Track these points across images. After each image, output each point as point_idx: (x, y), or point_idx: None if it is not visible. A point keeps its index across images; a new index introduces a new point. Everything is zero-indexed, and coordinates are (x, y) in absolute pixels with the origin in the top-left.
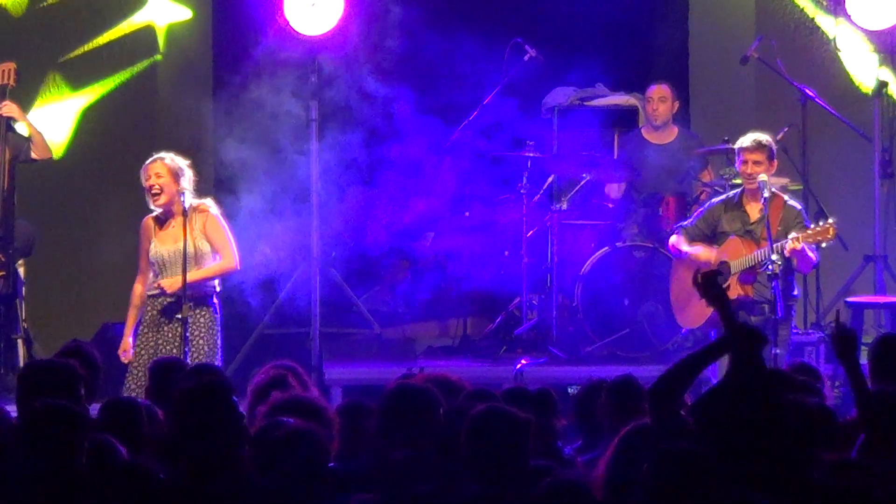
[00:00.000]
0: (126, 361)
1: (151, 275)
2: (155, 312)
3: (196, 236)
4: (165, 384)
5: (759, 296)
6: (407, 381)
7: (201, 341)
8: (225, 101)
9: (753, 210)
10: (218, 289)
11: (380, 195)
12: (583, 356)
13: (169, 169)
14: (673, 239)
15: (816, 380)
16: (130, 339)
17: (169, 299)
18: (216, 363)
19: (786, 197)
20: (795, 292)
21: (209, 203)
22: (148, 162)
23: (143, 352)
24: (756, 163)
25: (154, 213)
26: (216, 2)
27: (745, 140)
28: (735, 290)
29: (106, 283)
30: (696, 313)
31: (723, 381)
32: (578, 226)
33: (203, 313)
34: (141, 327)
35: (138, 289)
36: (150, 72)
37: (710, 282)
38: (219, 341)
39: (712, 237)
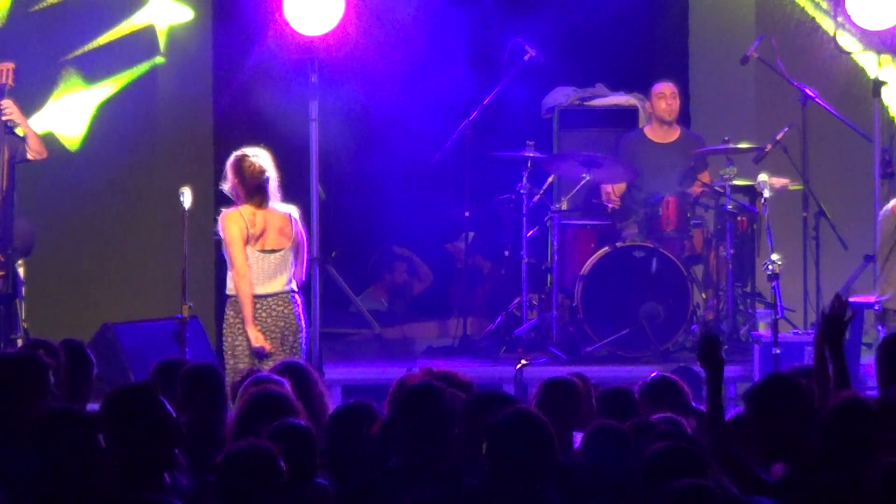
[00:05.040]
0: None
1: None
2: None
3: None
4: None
5: None
6: (415, 383)
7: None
8: (225, 101)
9: None
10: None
11: (380, 195)
12: (583, 356)
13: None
14: None
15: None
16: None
17: None
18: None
19: None
20: None
21: (223, 213)
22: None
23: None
24: None
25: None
26: (216, 2)
27: None
28: None
29: (106, 283)
30: None
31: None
32: (578, 226)
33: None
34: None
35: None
36: (150, 72)
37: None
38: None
39: None
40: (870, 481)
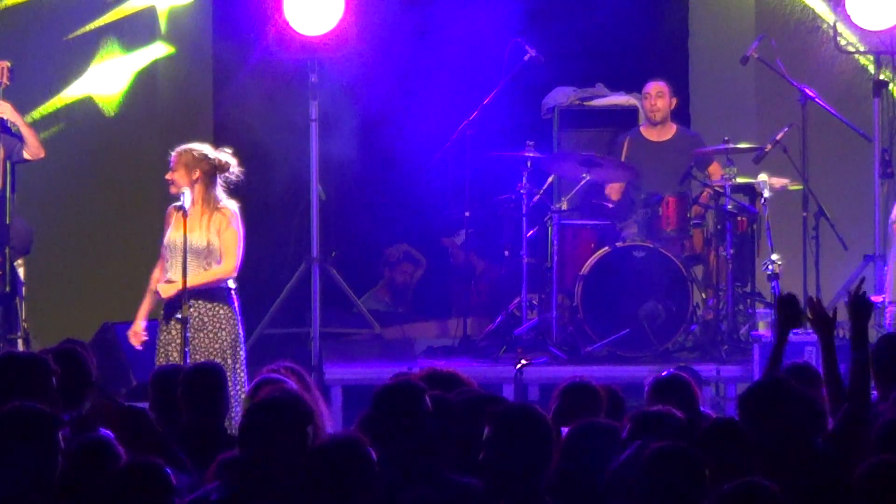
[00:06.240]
0: (137, 345)
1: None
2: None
3: (211, 232)
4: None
5: None
6: (394, 382)
7: (223, 334)
8: (225, 101)
9: None
10: (233, 286)
11: (380, 195)
12: (583, 356)
13: (181, 160)
14: None
15: (816, 380)
16: (142, 323)
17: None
18: (241, 355)
19: None
20: None
21: (232, 207)
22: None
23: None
24: None
25: (180, 202)
26: (216, 2)
27: None
28: None
29: (106, 282)
30: None
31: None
32: (578, 226)
33: (221, 308)
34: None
35: (156, 273)
36: (150, 71)
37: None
38: (241, 334)
39: None
40: (857, 478)
